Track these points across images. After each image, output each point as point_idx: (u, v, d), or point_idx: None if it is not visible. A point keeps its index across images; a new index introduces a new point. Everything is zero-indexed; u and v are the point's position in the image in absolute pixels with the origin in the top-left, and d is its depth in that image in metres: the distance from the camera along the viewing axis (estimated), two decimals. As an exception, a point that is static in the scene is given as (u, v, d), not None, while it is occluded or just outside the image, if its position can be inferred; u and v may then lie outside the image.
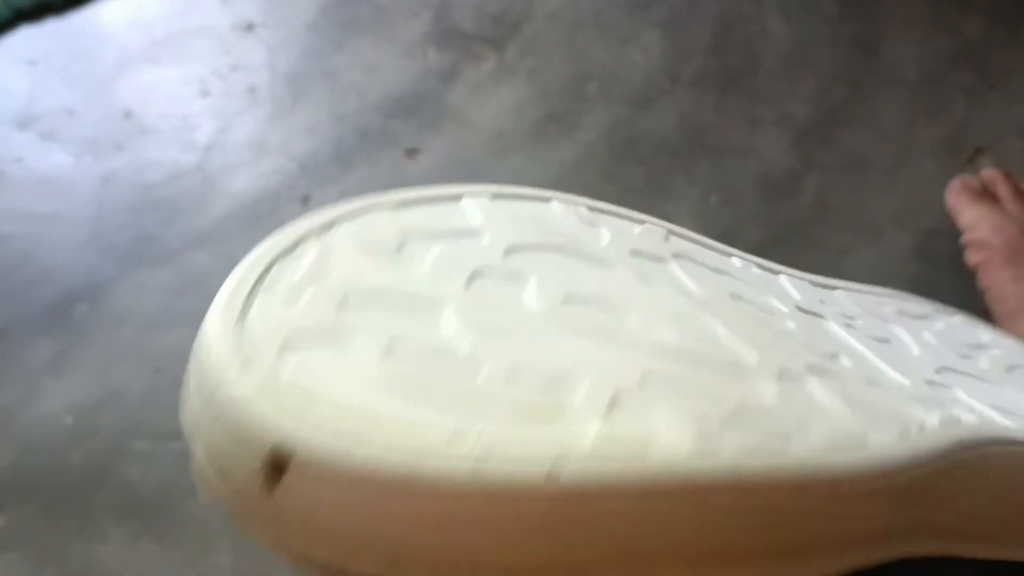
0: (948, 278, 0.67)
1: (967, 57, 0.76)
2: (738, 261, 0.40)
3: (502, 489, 0.22)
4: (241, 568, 0.58)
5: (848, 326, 0.38)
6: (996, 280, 0.62)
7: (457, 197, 0.35)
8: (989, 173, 0.65)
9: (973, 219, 0.63)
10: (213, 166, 0.72)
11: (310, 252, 0.30)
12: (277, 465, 0.21)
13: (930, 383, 0.36)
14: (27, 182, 0.71)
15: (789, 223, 0.69)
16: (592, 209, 0.38)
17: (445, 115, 0.73)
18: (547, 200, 0.37)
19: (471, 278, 0.30)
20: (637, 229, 0.38)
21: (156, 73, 0.76)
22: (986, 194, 0.65)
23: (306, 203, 0.70)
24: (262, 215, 0.69)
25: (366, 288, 0.28)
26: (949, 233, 0.68)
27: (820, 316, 0.38)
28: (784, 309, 0.37)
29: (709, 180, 0.71)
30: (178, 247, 0.68)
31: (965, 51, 0.76)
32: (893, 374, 0.35)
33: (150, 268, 0.67)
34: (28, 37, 0.78)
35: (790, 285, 0.40)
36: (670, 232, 0.39)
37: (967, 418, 0.32)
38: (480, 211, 0.34)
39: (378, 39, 0.77)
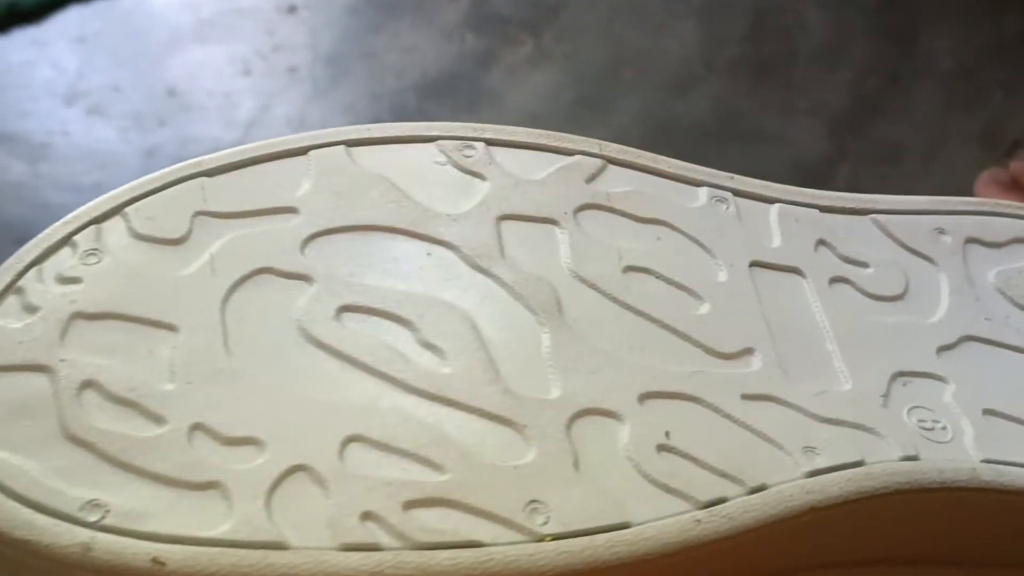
0: (979, 269, 0.66)
1: (1005, 51, 0.75)
2: (705, 193, 0.31)
3: (108, 570, 0.21)
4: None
5: (836, 281, 0.30)
6: None
7: (303, 150, 0.30)
8: (1020, 167, 0.64)
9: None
10: (254, 142, 0.72)
11: (68, 255, 0.26)
12: None
13: (903, 380, 0.28)
14: (73, 154, 0.72)
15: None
16: (493, 144, 0.31)
17: (480, 98, 0.74)
18: (429, 141, 0.31)
19: (236, 285, 0.26)
20: (555, 165, 0.30)
21: (201, 52, 0.77)
22: (1016, 188, 0.64)
23: (342, 180, 0.70)
24: (299, 191, 0.70)
25: (96, 310, 0.25)
26: (981, 224, 0.67)
27: (794, 271, 0.30)
28: (719, 276, 0.29)
29: (741, 166, 0.70)
30: (217, 220, 0.69)
31: (1003, 45, 0.75)
32: (839, 372, 0.28)
33: (189, 239, 0.68)
34: (79, 15, 0.79)
35: (777, 223, 0.31)
36: (608, 161, 0.31)
37: (901, 449, 0.26)
38: (313, 176, 0.29)
39: (417, 22, 0.77)
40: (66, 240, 0.26)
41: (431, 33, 0.77)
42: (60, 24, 0.78)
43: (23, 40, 0.77)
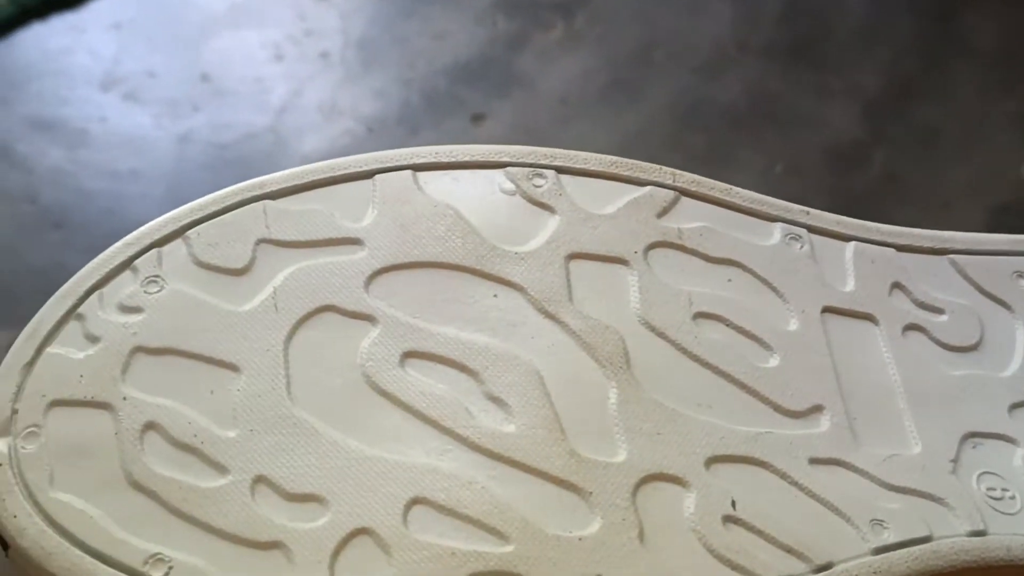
0: (1018, 254, 0.64)
1: (1049, 28, 0.72)
2: (779, 230, 0.30)
3: None
4: None
5: (910, 329, 0.29)
6: None
7: (369, 174, 0.29)
8: None
9: None
10: (285, 128, 0.72)
11: (129, 279, 0.26)
12: (3, 542, 0.22)
13: (973, 442, 0.26)
14: (109, 141, 0.72)
15: (855, 195, 0.67)
16: (564, 172, 0.29)
17: (512, 81, 0.73)
18: (498, 167, 0.29)
19: (299, 323, 0.25)
20: (626, 197, 0.29)
21: (234, 37, 0.76)
22: None
23: (373, 165, 0.70)
24: (331, 176, 0.70)
25: (158, 344, 0.24)
26: (1021, 208, 0.65)
27: (867, 318, 0.29)
28: (790, 324, 0.27)
29: (775, 149, 0.69)
30: (249, 206, 0.69)
31: (1047, 22, 0.73)
32: (908, 433, 0.26)
33: (222, 225, 0.68)
34: (115, 1, 0.79)
35: (852, 263, 0.30)
36: (682, 193, 0.30)
37: (969, 522, 0.24)
38: (378, 204, 0.27)
39: (447, 6, 0.76)
40: (127, 264, 0.26)
41: (462, 17, 0.76)
42: (97, 10, 0.78)
43: (61, 26, 0.77)
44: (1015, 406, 0.28)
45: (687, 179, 0.31)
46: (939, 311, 0.30)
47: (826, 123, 0.70)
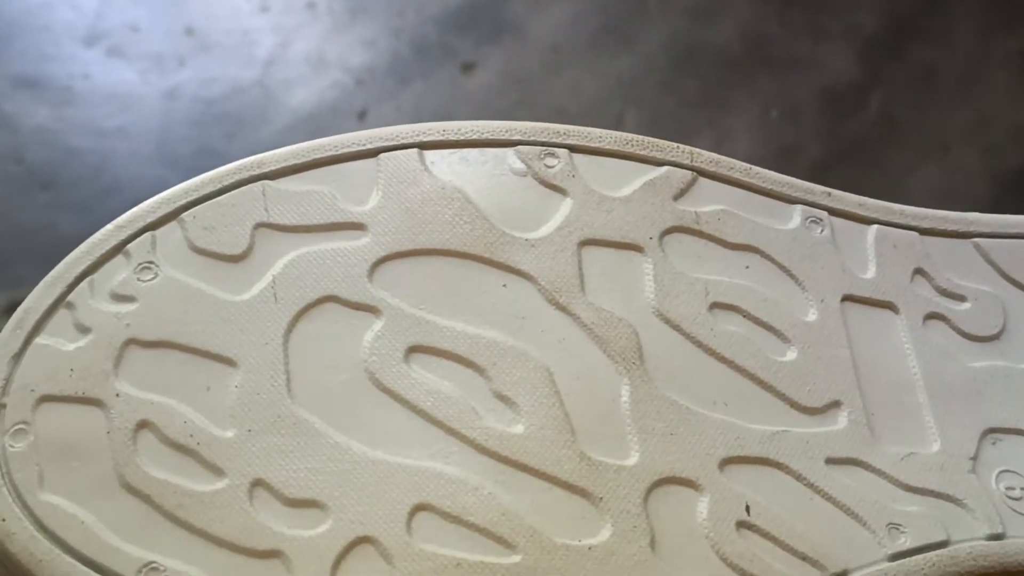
0: (1018, 197, 0.63)
1: (1051, -37, 0.70)
2: (799, 213, 0.28)
3: None
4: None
5: (931, 318, 0.28)
6: None
7: (372, 153, 0.27)
8: None
9: None
10: (273, 81, 0.71)
11: (122, 265, 0.24)
12: None
13: (993, 438, 0.26)
14: (95, 98, 0.70)
15: (853, 139, 0.66)
16: (577, 151, 0.28)
17: (502, 28, 0.71)
18: (508, 145, 0.28)
19: (299, 315, 0.24)
20: (642, 178, 0.27)
21: (218, -12, 0.74)
22: None
23: (363, 118, 0.68)
24: (321, 129, 0.68)
25: (152, 337, 0.23)
26: (1021, 149, 0.64)
27: (888, 306, 0.28)
28: (809, 315, 0.26)
29: (770, 94, 0.67)
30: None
31: (1049, -43, 0.70)
32: (928, 429, 0.25)
33: (212, 182, 0.67)
34: (97, -46, 0.77)
35: (873, 248, 0.28)
36: (700, 174, 0.28)
37: (988, 525, 0.24)
38: (383, 186, 0.26)
39: (437, -49, 0.74)
40: (119, 248, 0.24)
41: (450, -38, 0.73)
42: (78, -37, 0.76)
43: (42, -19, 0.75)
44: None
45: (705, 159, 0.29)
46: (962, 299, 0.28)
47: (822, 65, 0.68)
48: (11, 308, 0.23)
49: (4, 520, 0.20)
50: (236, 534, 0.21)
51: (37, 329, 0.23)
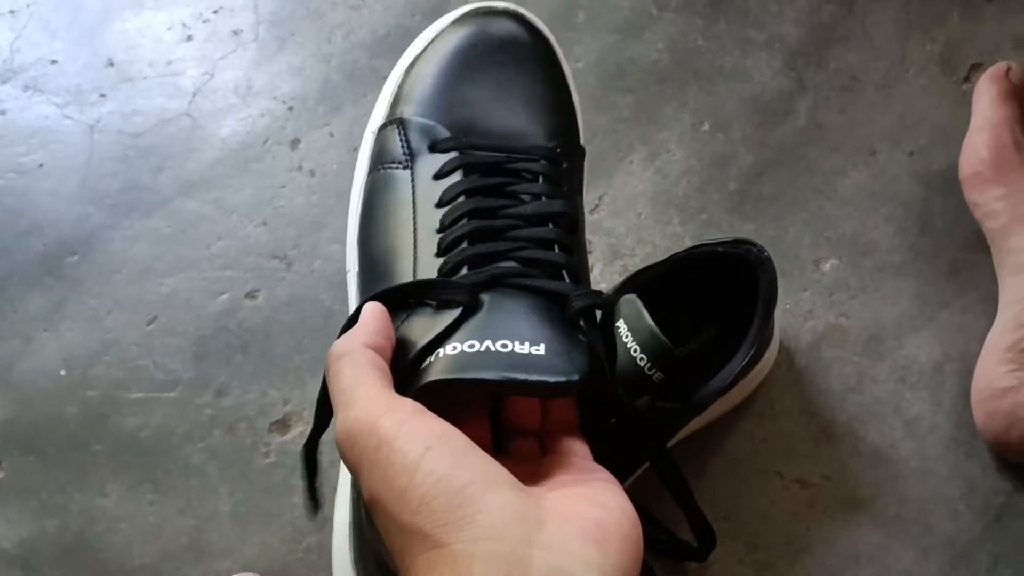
0: (942, 197, 0.63)
1: (961, -31, 0.71)
2: None
3: None
4: (241, 513, 0.55)
5: None
6: (984, 196, 0.58)
7: None
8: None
9: (981, 119, 0.59)
10: (200, 112, 0.68)
11: None
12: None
13: None
14: (12, 134, 0.67)
15: (782, 146, 0.65)
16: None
17: (431, 50, 0.69)
18: None
19: None
20: None
21: (138, 19, 0.71)
22: (1018, 96, 0.60)
23: (295, 146, 0.66)
24: (252, 159, 0.66)
25: None
26: (944, 151, 0.64)
27: None
28: None
29: (701, 106, 0.67)
30: (169, 195, 0.65)
31: (959, -37, 0.71)
32: None
33: (141, 217, 0.64)
34: (9, -12, 0.73)
35: None
36: None
37: None
38: None
39: (361, -25, 0.72)
40: None
41: (376, -14, 0.72)
42: (-11, -2, 0.73)
43: (-48, 17, 0.72)
44: None
45: None
46: None
47: (750, 76, 0.68)
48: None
49: None
50: None
51: None
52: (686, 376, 0.51)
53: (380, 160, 0.46)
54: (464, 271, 0.38)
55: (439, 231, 0.40)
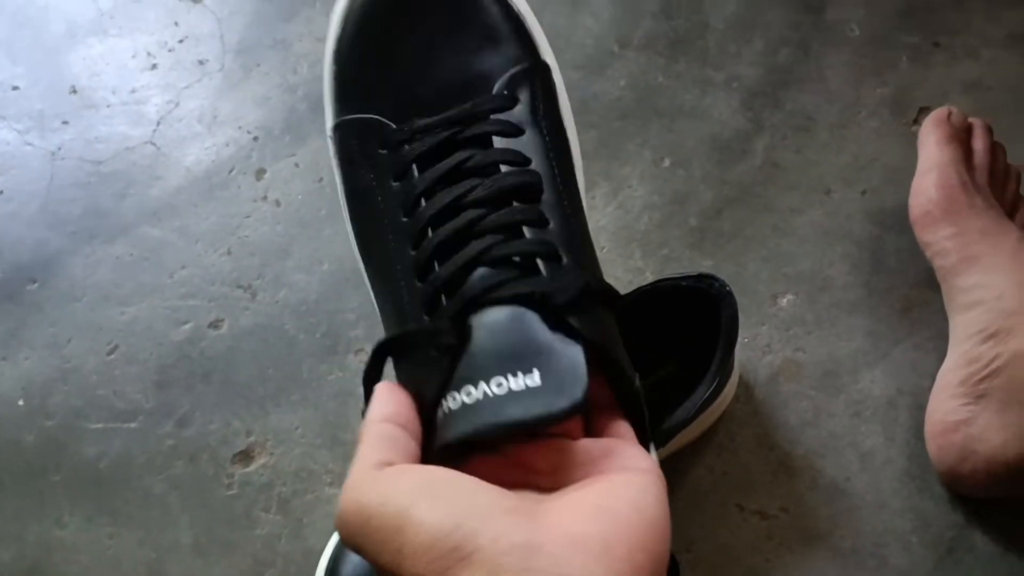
0: (895, 235, 0.65)
1: (911, 16, 0.73)
2: None
3: None
4: (202, 545, 0.54)
5: None
6: (934, 236, 0.60)
7: None
8: (976, 121, 0.63)
9: (929, 161, 0.61)
10: (165, 139, 0.67)
11: None
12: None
13: None
14: (-28, 159, 0.66)
15: (741, 184, 0.67)
16: None
17: (397, 83, 0.70)
18: None
19: None
20: None
21: (103, 46, 0.71)
22: (960, 138, 0.62)
23: (260, 176, 0.66)
24: (216, 187, 0.66)
25: None
26: (896, 190, 0.66)
27: None
28: None
29: (661, 142, 0.68)
30: (131, 221, 0.64)
31: (909, 10, 0.74)
32: None
33: (102, 243, 0.63)
34: (-30, 11, 0.73)
35: None
36: None
37: None
38: None
39: (329, 7, 0.72)
40: None
41: (343, 18, 0.72)
42: (-50, 21, 0.72)
43: (-89, 39, 0.71)
44: None
45: None
46: None
47: (709, 115, 0.69)
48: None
49: None
50: None
51: None
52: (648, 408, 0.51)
53: (345, 165, 0.42)
54: (443, 301, 0.36)
55: (413, 249, 0.37)
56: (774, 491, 0.57)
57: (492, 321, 0.34)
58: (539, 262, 0.36)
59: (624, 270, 0.63)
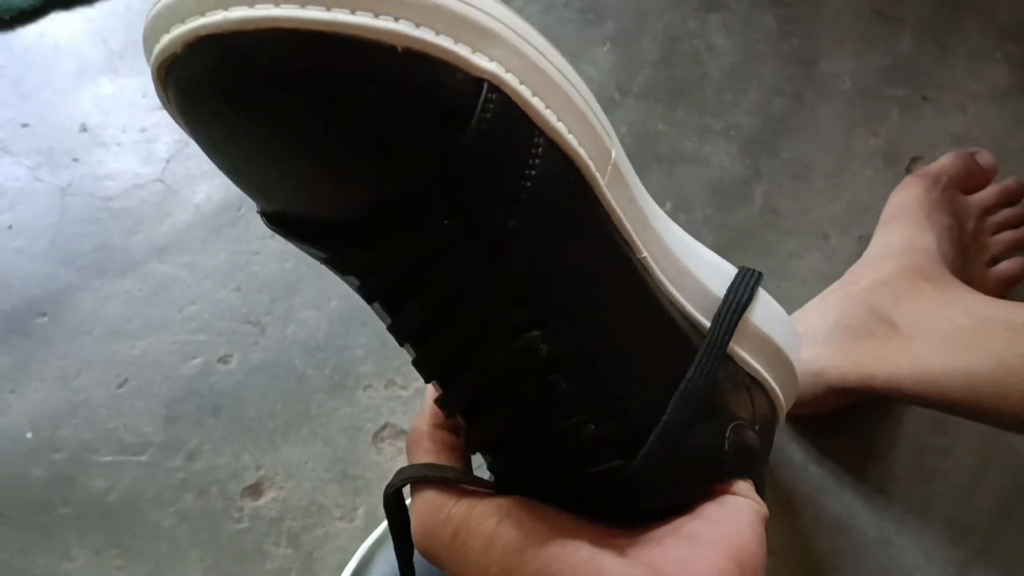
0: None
1: (900, 71, 0.76)
2: None
3: None
4: (213, 579, 0.54)
5: None
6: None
7: None
8: (942, 166, 0.65)
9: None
10: (174, 177, 0.68)
11: None
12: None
13: None
14: (-18, 194, 0.66)
15: (741, 229, 0.68)
16: None
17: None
18: None
19: None
20: None
21: (113, 85, 0.72)
22: (936, 187, 0.64)
23: (268, 213, 0.66)
24: (225, 225, 0.66)
25: None
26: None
27: None
28: None
29: (662, 188, 0.70)
30: (141, 257, 0.65)
31: (898, 65, 0.76)
32: None
33: (112, 278, 0.64)
34: (-20, 49, 0.73)
35: None
36: None
37: None
38: None
39: (336, 52, 0.74)
40: None
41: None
42: (-40, 59, 0.72)
43: (-80, 76, 0.71)
44: None
45: None
46: None
47: (709, 161, 0.71)
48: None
49: None
50: None
51: None
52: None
53: None
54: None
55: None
56: (778, 528, 0.57)
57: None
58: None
59: (629, 310, 0.64)
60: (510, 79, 0.27)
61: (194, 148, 0.69)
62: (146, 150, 0.69)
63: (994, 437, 0.61)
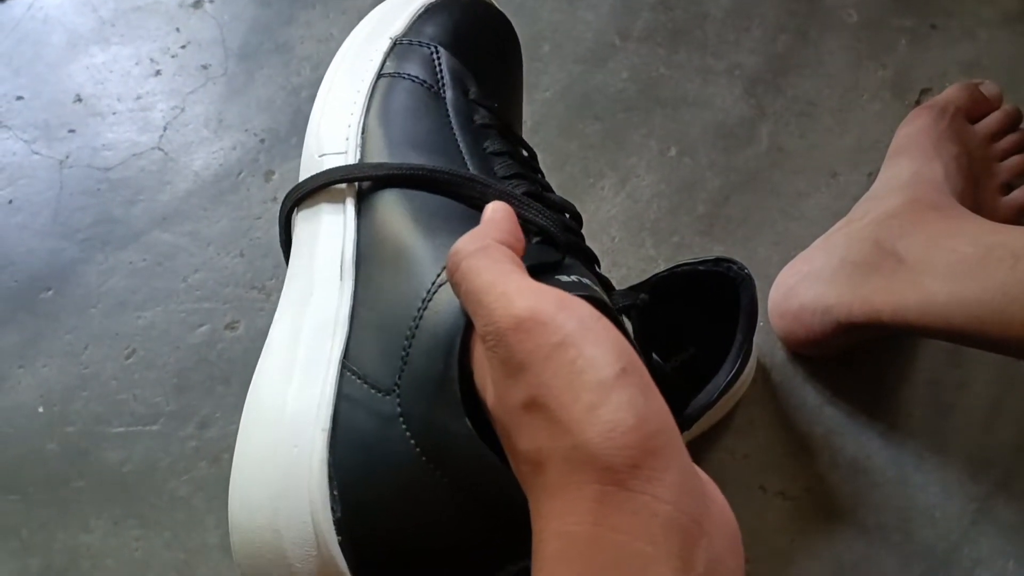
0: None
1: (906, 0, 0.74)
2: None
3: None
4: (229, 544, 0.54)
5: None
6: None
7: None
8: (950, 94, 0.63)
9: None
10: (172, 145, 0.67)
11: None
12: None
13: None
14: (-20, 171, 0.65)
15: (747, 170, 0.67)
16: None
17: (402, 82, 0.69)
18: None
19: None
20: None
21: (105, 54, 0.70)
22: (944, 116, 0.62)
23: (269, 178, 0.65)
24: (226, 191, 0.65)
25: None
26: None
27: None
28: None
29: (666, 132, 0.68)
30: (142, 227, 0.64)
31: (903, -5, 0.74)
32: None
33: (115, 250, 0.63)
34: (-30, 24, 0.72)
35: None
36: None
37: None
38: None
39: (328, 9, 0.72)
40: None
41: (344, 20, 0.72)
42: (-50, 35, 0.71)
43: (-88, 54, 0.70)
44: None
45: None
46: None
47: (712, 103, 0.69)
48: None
49: None
50: None
51: None
52: (670, 393, 0.51)
53: (401, 68, 0.44)
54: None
55: (484, 161, 0.41)
56: (796, 471, 0.57)
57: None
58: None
59: (636, 259, 0.63)
60: None
61: (190, 114, 0.68)
62: (142, 119, 0.68)
63: (1011, 368, 0.60)
